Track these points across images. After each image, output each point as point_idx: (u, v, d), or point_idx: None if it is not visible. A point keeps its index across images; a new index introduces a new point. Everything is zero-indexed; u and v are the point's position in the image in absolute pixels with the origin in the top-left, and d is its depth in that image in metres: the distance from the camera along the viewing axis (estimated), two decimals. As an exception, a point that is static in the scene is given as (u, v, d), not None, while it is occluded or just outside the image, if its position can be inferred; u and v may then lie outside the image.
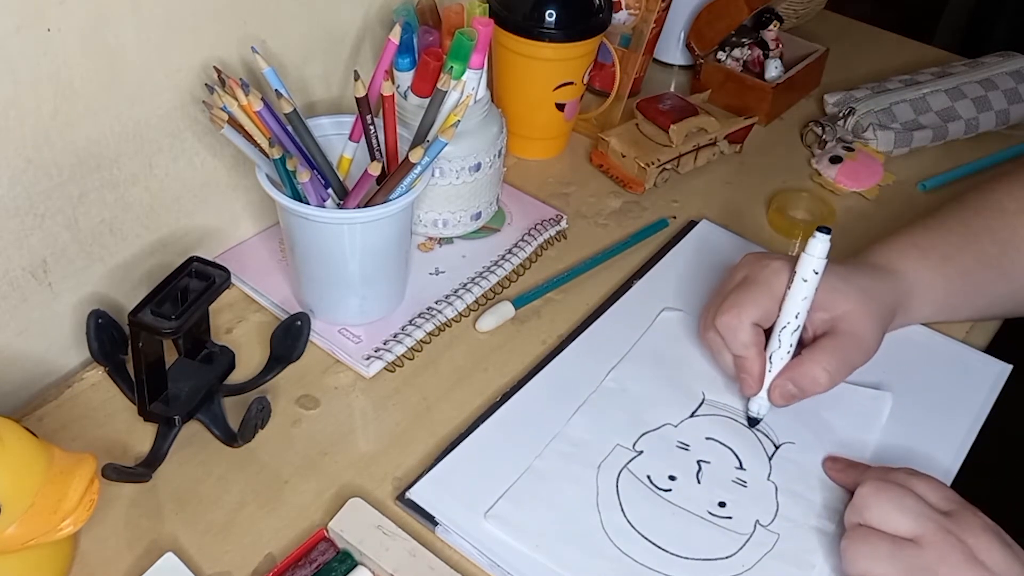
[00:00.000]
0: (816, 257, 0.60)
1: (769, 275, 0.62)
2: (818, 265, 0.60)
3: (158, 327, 0.57)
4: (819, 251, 0.60)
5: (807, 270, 0.60)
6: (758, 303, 0.62)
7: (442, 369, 0.69)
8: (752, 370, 0.62)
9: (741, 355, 0.63)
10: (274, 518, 0.59)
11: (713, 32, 0.94)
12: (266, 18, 0.70)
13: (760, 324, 0.62)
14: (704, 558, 0.57)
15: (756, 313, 0.62)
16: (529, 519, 0.58)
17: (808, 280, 0.60)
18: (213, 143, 0.70)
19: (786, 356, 0.62)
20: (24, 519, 0.49)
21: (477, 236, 0.79)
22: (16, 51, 0.55)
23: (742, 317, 0.62)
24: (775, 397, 0.62)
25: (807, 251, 0.60)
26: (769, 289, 0.62)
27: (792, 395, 0.62)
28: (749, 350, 0.62)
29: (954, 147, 0.92)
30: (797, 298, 0.61)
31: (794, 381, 0.62)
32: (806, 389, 0.62)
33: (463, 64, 0.68)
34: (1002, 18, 1.93)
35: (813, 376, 0.61)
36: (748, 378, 0.63)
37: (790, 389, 0.62)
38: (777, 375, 0.62)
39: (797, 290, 0.61)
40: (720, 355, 0.65)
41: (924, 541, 0.51)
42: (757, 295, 0.62)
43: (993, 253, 0.68)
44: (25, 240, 0.61)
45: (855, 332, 0.62)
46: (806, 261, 0.60)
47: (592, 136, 0.91)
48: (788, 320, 0.61)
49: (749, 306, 0.62)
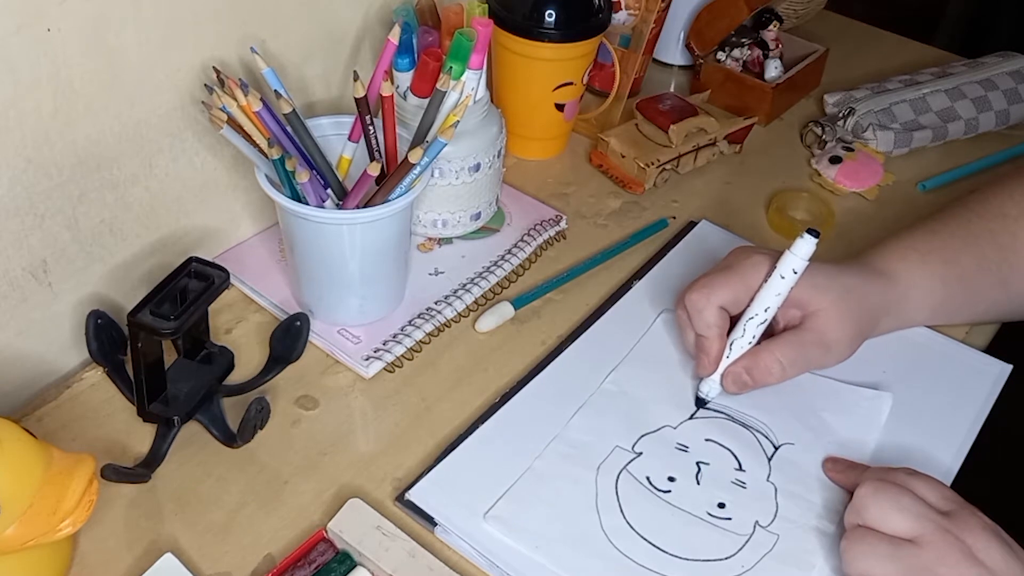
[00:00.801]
0: (798, 257, 0.61)
1: (747, 266, 0.63)
2: (798, 265, 0.61)
3: (157, 327, 0.57)
4: (803, 252, 0.60)
5: (787, 268, 0.61)
6: (729, 287, 0.63)
7: (442, 369, 0.69)
8: (710, 351, 0.63)
9: (703, 334, 0.64)
10: (273, 518, 0.59)
11: (713, 32, 0.94)
12: (266, 18, 0.70)
13: (727, 309, 0.63)
14: (704, 559, 0.57)
15: (724, 297, 0.63)
16: (528, 520, 0.58)
17: (785, 277, 0.61)
18: (213, 143, 0.70)
19: (747, 346, 0.63)
20: (23, 519, 0.49)
21: (477, 236, 0.79)
22: (16, 51, 0.55)
23: (710, 298, 0.63)
24: (727, 383, 0.64)
25: (791, 249, 0.61)
26: (743, 278, 0.63)
27: (744, 383, 0.63)
28: (711, 331, 0.63)
29: (954, 147, 0.92)
30: (770, 292, 0.62)
31: (747, 369, 0.63)
32: (758, 378, 0.63)
33: (462, 64, 0.68)
34: (1002, 18, 1.93)
35: (767, 366, 0.62)
36: (704, 358, 0.64)
37: (743, 377, 0.63)
38: (733, 362, 0.63)
39: (772, 285, 0.61)
40: (684, 332, 0.66)
41: (923, 541, 0.51)
42: (730, 280, 0.63)
43: (993, 258, 0.68)
44: (25, 240, 0.61)
45: (821, 331, 0.63)
46: (787, 259, 0.61)
47: (592, 136, 0.91)
48: (756, 312, 0.62)
49: (719, 289, 0.63)
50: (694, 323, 0.64)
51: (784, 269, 0.61)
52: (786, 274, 0.61)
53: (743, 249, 0.66)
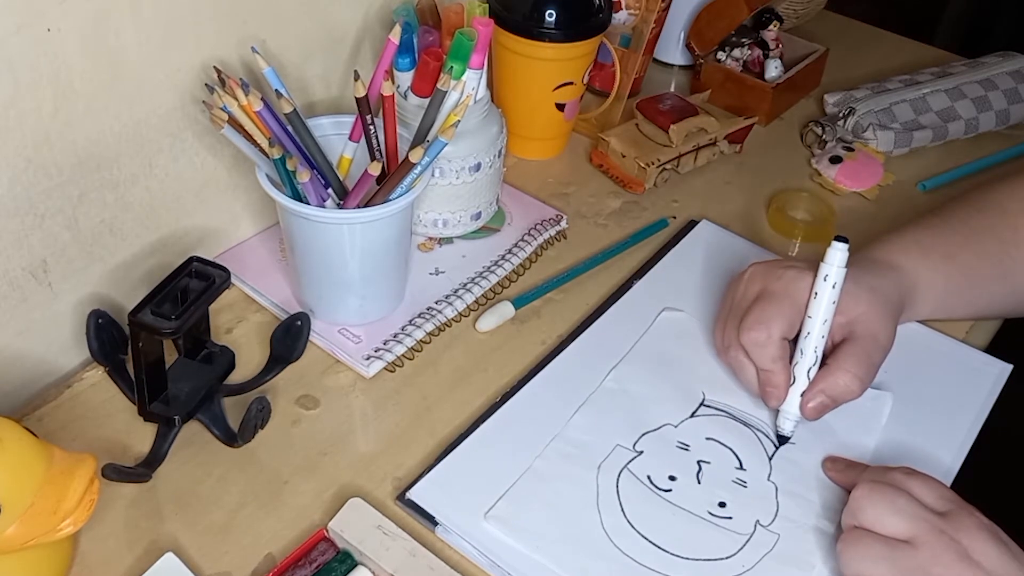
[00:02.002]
0: (836, 267, 0.60)
1: (787, 285, 0.62)
2: (839, 274, 0.60)
3: (158, 327, 0.57)
4: (840, 260, 0.60)
5: (831, 279, 0.60)
6: (784, 316, 0.62)
7: (442, 369, 0.69)
8: (778, 383, 0.62)
9: (768, 369, 0.62)
10: (274, 518, 0.59)
11: (713, 32, 0.94)
12: (266, 18, 0.70)
13: (786, 337, 0.62)
14: (704, 558, 0.57)
15: (783, 327, 0.62)
16: (529, 519, 0.58)
17: (835, 287, 0.61)
18: (213, 143, 0.70)
19: (814, 367, 0.62)
20: (24, 519, 0.49)
21: (477, 236, 0.79)
22: (16, 51, 0.55)
23: (771, 332, 0.61)
24: (808, 411, 0.62)
25: (827, 260, 0.61)
26: (791, 300, 0.62)
27: (825, 407, 0.62)
28: (777, 364, 0.62)
29: (954, 147, 0.92)
30: (823, 308, 0.61)
31: (826, 392, 0.61)
32: (839, 398, 0.61)
33: (463, 64, 0.68)
34: (1002, 18, 1.93)
35: (845, 385, 0.61)
36: (774, 391, 0.62)
37: (823, 401, 0.61)
38: (807, 388, 0.62)
39: (823, 300, 0.61)
40: (743, 371, 0.64)
41: (918, 542, 0.51)
42: (781, 308, 0.62)
43: (994, 253, 0.68)
44: (25, 240, 0.61)
45: (873, 333, 0.62)
46: (830, 271, 0.60)
47: (592, 136, 0.91)
48: (814, 329, 0.61)
49: (776, 320, 0.61)
50: (757, 361, 0.62)
51: (828, 282, 0.60)
52: (831, 286, 0.60)
53: (765, 268, 0.65)
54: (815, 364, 0.62)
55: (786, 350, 0.62)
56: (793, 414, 0.63)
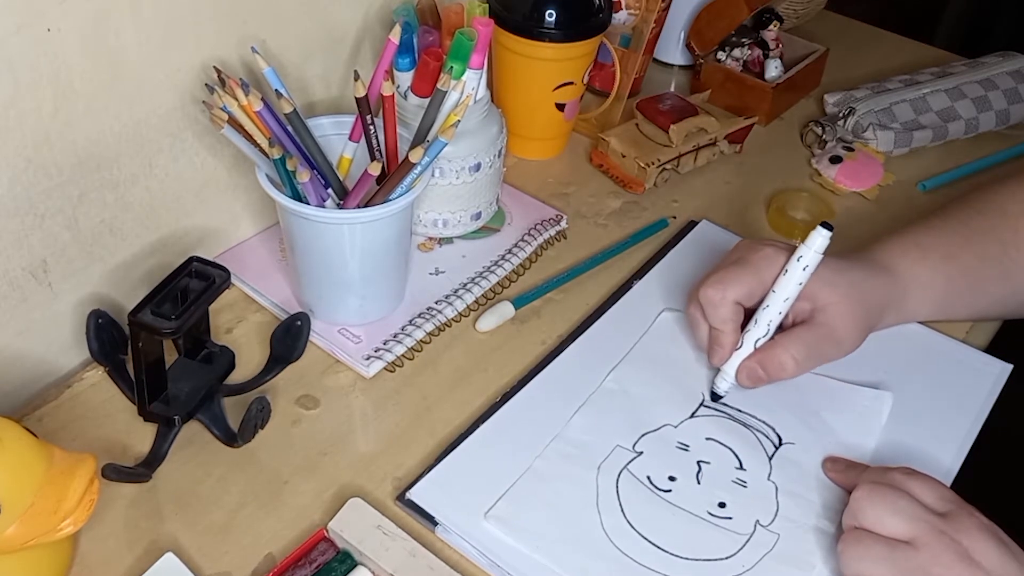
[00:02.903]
0: (813, 251, 0.61)
1: (760, 259, 0.64)
2: (814, 259, 0.61)
3: (158, 327, 0.57)
4: (818, 245, 0.61)
5: (803, 262, 0.61)
6: (743, 282, 0.63)
7: (442, 369, 0.69)
8: (724, 344, 0.64)
9: (718, 328, 0.64)
10: (274, 518, 0.59)
11: (713, 32, 0.94)
12: (266, 18, 0.70)
13: (741, 303, 0.63)
14: (704, 558, 0.57)
15: (739, 292, 0.63)
16: (529, 520, 0.58)
17: (806, 269, 0.61)
18: (213, 143, 0.70)
19: (763, 339, 0.63)
20: (24, 519, 0.49)
21: (477, 236, 0.79)
22: (16, 51, 0.55)
23: (726, 293, 0.63)
24: (741, 377, 0.64)
25: (806, 242, 0.61)
26: (757, 273, 0.63)
27: (759, 378, 0.63)
28: (726, 325, 0.64)
29: (954, 147, 0.92)
30: (787, 286, 0.62)
31: (762, 364, 0.63)
32: (772, 374, 0.63)
33: (463, 64, 0.68)
34: (1002, 18, 1.93)
35: (781, 362, 0.62)
36: (719, 350, 0.64)
37: (757, 372, 0.63)
38: (747, 356, 0.63)
39: (789, 278, 0.62)
40: (696, 327, 0.66)
41: (918, 542, 0.51)
42: (744, 275, 0.63)
43: (994, 254, 0.68)
44: (25, 240, 0.61)
45: (832, 325, 0.63)
46: (803, 253, 0.61)
47: (592, 136, 0.91)
48: (772, 304, 0.62)
49: (734, 284, 0.63)
50: (709, 317, 0.64)
51: (800, 263, 0.61)
52: (803, 267, 0.61)
53: (752, 242, 0.66)
54: (765, 337, 0.63)
55: (738, 314, 0.64)
56: (731, 376, 0.64)
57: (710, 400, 0.66)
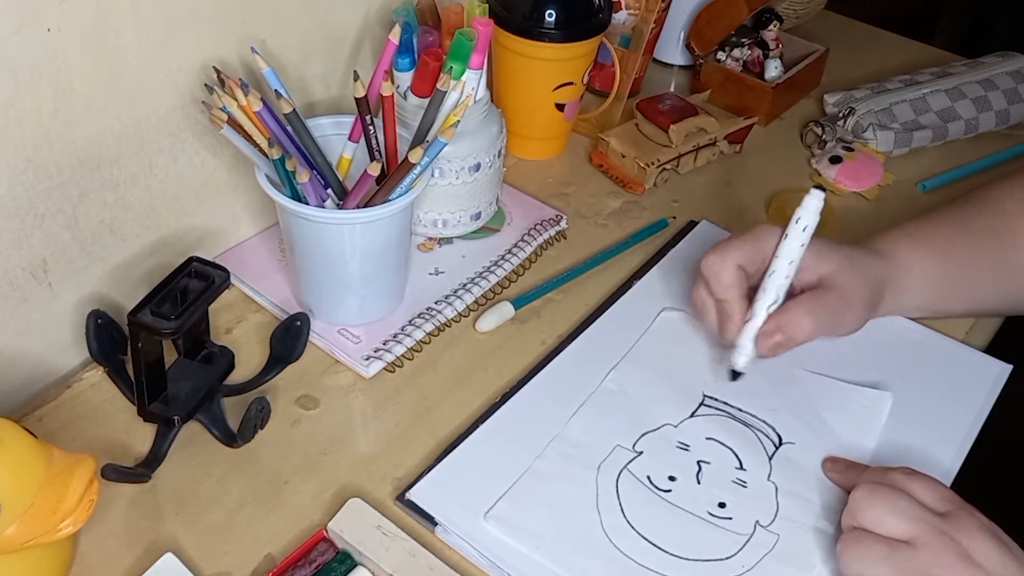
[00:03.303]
0: (810, 211, 0.61)
1: (759, 230, 0.64)
2: (812, 219, 0.61)
3: (158, 327, 0.57)
4: (813, 207, 0.61)
5: (803, 223, 0.61)
6: (742, 248, 0.63)
7: (442, 369, 0.69)
8: (733, 313, 0.63)
9: (722, 297, 0.63)
10: (274, 518, 0.59)
11: (713, 32, 0.94)
12: (266, 18, 0.70)
13: (743, 268, 0.63)
14: (704, 559, 0.57)
15: (739, 256, 0.63)
16: (529, 520, 0.58)
17: (806, 230, 0.61)
18: (213, 143, 0.70)
19: (774, 305, 0.63)
20: (24, 519, 0.49)
21: (477, 236, 0.79)
22: (16, 51, 0.55)
23: (725, 258, 0.63)
24: (760, 345, 0.63)
25: (802, 206, 0.61)
26: (756, 240, 0.63)
27: (777, 343, 0.62)
28: (730, 291, 0.63)
29: (954, 147, 0.92)
30: (791, 249, 0.61)
31: (779, 326, 0.62)
32: (790, 334, 0.62)
33: (463, 64, 0.68)
34: (1002, 18, 1.93)
35: (797, 319, 0.61)
36: (729, 322, 0.63)
37: (776, 337, 0.62)
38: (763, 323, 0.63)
39: (791, 241, 0.61)
40: (704, 310, 0.66)
41: (918, 543, 0.51)
42: (742, 242, 0.63)
43: (992, 251, 0.68)
44: (25, 240, 0.61)
45: (841, 288, 0.63)
46: (801, 215, 0.61)
47: (592, 136, 0.91)
48: (779, 269, 0.62)
49: (733, 249, 0.63)
50: (712, 288, 0.64)
51: (799, 224, 0.61)
52: (802, 228, 0.61)
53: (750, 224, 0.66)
54: (775, 303, 0.62)
55: (741, 279, 0.63)
56: (747, 348, 0.63)
57: (730, 379, 0.65)
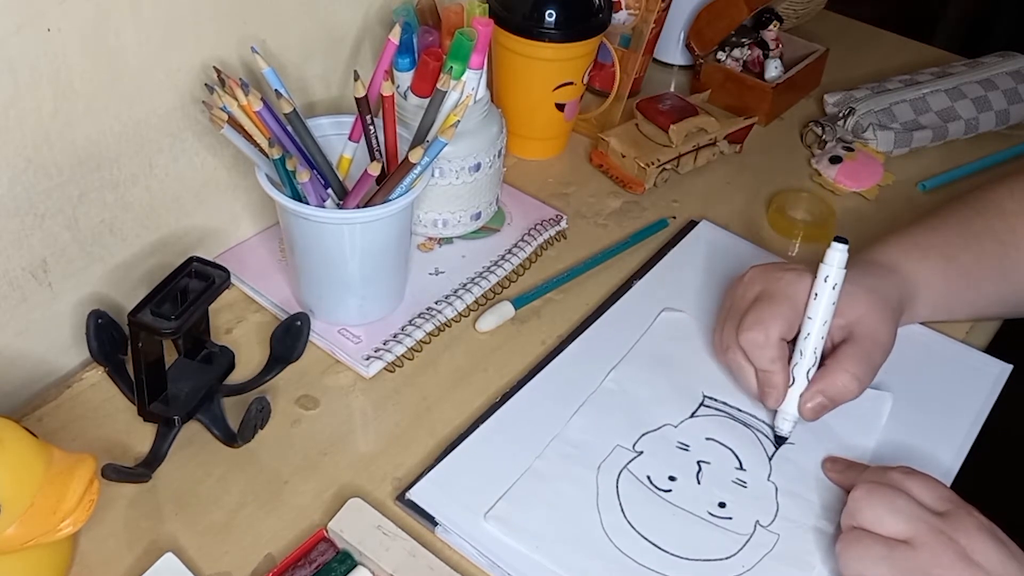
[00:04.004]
0: (836, 267, 0.60)
1: (786, 287, 0.62)
2: (839, 275, 0.60)
3: (158, 327, 0.57)
4: (839, 261, 0.60)
5: (831, 281, 0.60)
6: (783, 316, 0.61)
7: (442, 369, 0.69)
8: (777, 383, 0.62)
9: (767, 370, 0.62)
10: (274, 518, 0.59)
11: (713, 32, 0.94)
12: (266, 18, 0.70)
13: (785, 338, 0.62)
14: (704, 559, 0.57)
15: (782, 327, 0.61)
16: (529, 520, 0.58)
17: (836, 288, 0.60)
18: (213, 143, 0.70)
19: (813, 367, 0.62)
20: (24, 519, 0.49)
21: (477, 236, 0.79)
22: (16, 51, 0.55)
23: (769, 333, 0.61)
24: (806, 411, 0.62)
25: (827, 262, 0.60)
26: (790, 301, 0.62)
27: (823, 407, 0.61)
28: (775, 364, 0.61)
29: (954, 147, 0.92)
30: (823, 308, 0.61)
31: (824, 392, 0.61)
32: (836, 398, 0.61)
33: (463, 64, 0.68)
34: (1002, 18, 1.93)
35: (843, 384, 0.61)
36: (773, 391, 0.62)
37: (821, 401, 0.61)
38: (806, 388, 0.62)
39: (822, 301, 0.61)
40: (742, 373, 0.64)
41: (917, 542, 0.51)
42: (780, 309, 0.61)
43: (994, 254, 0.68)
44: (25, 240, 0.61)
45: (873, 335, 0.62)
46: (829, 272, 0.60)
47: (592, 136, 0.91)
48: (813, 331, 0.61)
49: (774, 321, 0.61)
50: (756, 361, 0.62)
51: (828, 283, 0.60)
52: (831, 287, 0.60)
53: (764, 270, 0.65)
54: (814, 365, 0.62)
55: (784, 351, 0.62)
56: (791, 414, 0.63)
57: (776, 444, 0.63)
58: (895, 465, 0.57)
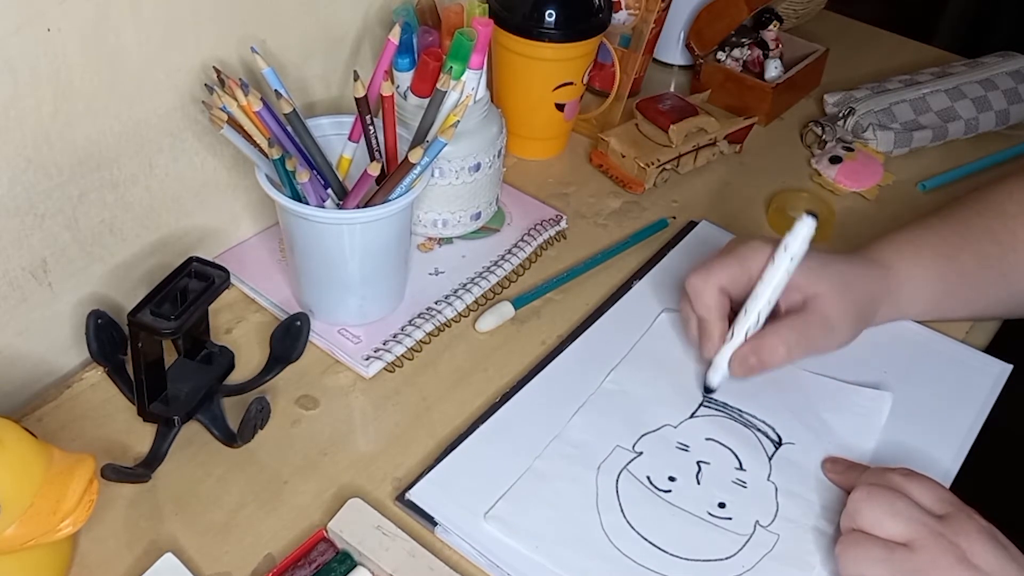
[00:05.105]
0: (800, 239, 0.61)
1: (746, 250, 0.64)
2: (800, 247, 0.61)
3: (157, 327, 0.57)
4: (804, 234, 0.61)
5: (790, 250, 0.61)
6: (727, 270, 0.63)
7: (442, 369, 0.69)
8: (712, 333, 0.64)
9: (703, 316, 0.64)
10: (274, 518, 0.59)
11: (713, 32, 0.94)
12: (266, 18, 0.70)
13: (726, 291, 0.63)
14: (704, 559, 0.57)
15: (723, 278, 0.63)
16: (529, 520, 0.58)
17: (793, 259, 0.61)
18: (213, 143, 0.70)
19: (753, 329, 0.63)
20: (23, 519, 0.49)
21: (477, 236, 0.79)
22: (16, 51, 0.55)
23: (708, 279, 0.63)
24: (734, 367, 0.64)
25: (792, 232, 0.61)
26: (742, 261, 0.63)
27: (751, 366, 0.63)
28: (711, 312, 0.63)
29: (954, 147, 0.92)
30: (776, 275, 0.62)
31: (754, 351, 0.63)
32: (764, 360, 0.62)
33: (463, 64, 0.68)
34: (1002, 18, 1.93)
35: (772, 347, 0.62)
36: (707, 341, 0.64)
37: (749, 360, 0.63)
38: (739, 346, 0.63)
39: (777, 268, 0.61)
40: (687, 323, 0.66)
41: (916, 545, 0.51)
42: (728, 263, 0.63)
43: (992, 254, 0.68)
44: (25, 240, 0.61)
45: (824, 313, 0.63)
46: (790, 241, 0.61)
47: (592, 136, 0.91)
48: (761, 294, 0.62)
49: (717, 271, 0.63)
50: (695, 306, 0.64)
51: (787, 252, 0.61)
52: (790, 257, 0.61)
53: (741, 237, 0.66)
54: (756, 326, 0.63)
55: (723, 302, 0.64)
56: (722, 368, 0.64)
57: (703, 393, 0.66)
58: (895, 467, 0.57)
